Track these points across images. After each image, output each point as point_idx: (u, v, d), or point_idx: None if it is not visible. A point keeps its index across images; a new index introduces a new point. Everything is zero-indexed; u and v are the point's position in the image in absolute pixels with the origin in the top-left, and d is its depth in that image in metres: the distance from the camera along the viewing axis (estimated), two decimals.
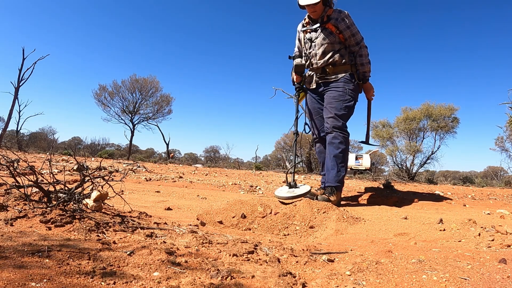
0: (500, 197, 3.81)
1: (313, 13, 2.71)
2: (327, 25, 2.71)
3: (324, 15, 2.71)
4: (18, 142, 9.64)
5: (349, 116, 2.72)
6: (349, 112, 2.69)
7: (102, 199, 1.38)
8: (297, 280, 0.92)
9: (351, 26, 2.67)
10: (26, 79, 9.61)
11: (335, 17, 2.68)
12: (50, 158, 1.68)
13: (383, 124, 9.38)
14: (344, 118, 2.65)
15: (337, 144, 2.60)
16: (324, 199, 2.49)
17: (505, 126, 7.56)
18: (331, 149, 2.63)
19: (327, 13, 2.71)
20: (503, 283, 0.83)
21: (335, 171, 2.58)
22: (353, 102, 2.71)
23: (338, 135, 2.61)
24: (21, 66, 9.45)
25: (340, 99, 2.66)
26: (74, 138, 21.94)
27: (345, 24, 2.65)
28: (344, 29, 2.66)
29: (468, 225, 1.61)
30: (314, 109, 2.92)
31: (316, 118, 2.91)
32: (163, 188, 3.02)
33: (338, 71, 2.74)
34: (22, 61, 9.38)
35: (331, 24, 2.69)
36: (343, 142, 2.60)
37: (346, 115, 2.66)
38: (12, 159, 1.44)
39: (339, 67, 2.73)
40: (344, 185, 2.75)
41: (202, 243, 1.13)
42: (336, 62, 2.71)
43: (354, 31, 2.67)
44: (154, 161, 8.76)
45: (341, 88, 2.69)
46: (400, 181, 5.75)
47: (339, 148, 2.59)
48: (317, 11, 2.68)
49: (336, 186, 2.57)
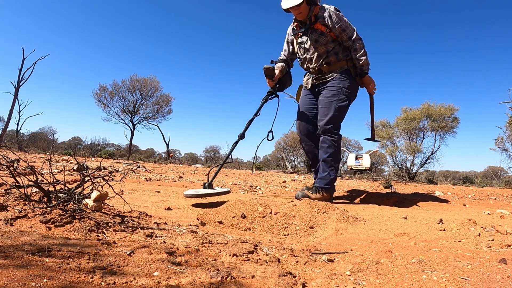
0: (500, 197, 3.81)
1: (299, 15, 2.62)
2: (315, 25, 2.61)
3: (311, 15, 2.61)
4: (18, 142, 9.64)
5: (341, 117, 2.68)
6: (341, 113, 2.65)
7: (102, 199, 1.38)
8: (297, 280, 0.92)
9: (340, 21, 2.56)
10: (26, 79, 9.62)
11: (322, 15, 2.57)
12: (50, 158, 1.68)
13: (383, 124, 9.38)
14: (334, 121, 2.62)
15: (325, 148, 2.62)
16: (304, 195, 2.54)
17: (505, 126, 7.56)
18: (321, 154, 2.66)
19: (314, 12, 2.60)
20: (503, 283, 0.83)
21: (324, 175, 2.62)
22: (348, 102, 2.67)
23: (327, 139, 2.62)
24: (21, 66, 9.45)
25: (333, 99, 2.63)
26: (74, 138, 21.93)
27: (333, 21, 2.55)
28: (333, 26, 2.56)
29: (468, 225, 1.61)
30: (303, 106, 2.88)
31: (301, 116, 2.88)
32: (163, 188, 3.02)
33: (333, 69, 2.67)
34: (22, 61, 9.38)
35: (320, 24, 2.59)
36: (331, 146, 2.60)
37: (337, 116, 2.63)
38: (12, 159, 1.44)
39: (334, 65, 2.67)
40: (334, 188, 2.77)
41: (202, 243, 1.13)
42: (331, 61, 2.66)
43: (344, 26, 2.56)
44: (154, 161, 8.76)
45: (335, 87, 2.64)
46: (400, 181, 5.75)
47: (327, 153, 2.61)
48: (302, 12, 2.58)
49: (323, 187, 2.60)
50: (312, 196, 2.55)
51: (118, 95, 15.89)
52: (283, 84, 2.83)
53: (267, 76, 2.74)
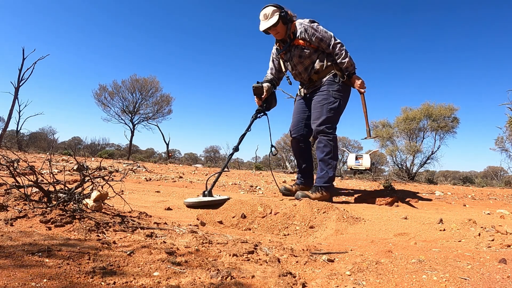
0: (500, 197, 3.81)
1: (277, 35, 2.71)
2: (295, 41, 2.69)
3: (289, 33, 2.69)
4: (18, 142, 9.64)
5: (335, 118, 2.74)
6: (335, 114, 2.72)
7: (102, 199, 1.38)
8: (297, 280, 0.92)
9: (316, 32, 2.65)
10: (26, 79, 9.62)
11: (298, 30, 2.66)
12: (50, 158, 1.68)
13: (383, 124, 9.37)
14: (327, 122, 2.68)
15: (321, 148, 2.67)
16: (304, 196, 2.56)
17: (505, 127, 7.57)
18: (318, 154, 2.71)
19: (291, 30, 2.69)
20: (503, 283, 0.83)
21: (322, 173, 2.67)
22: (338, 103, 2.72)
23: (322, 139, 2.68)
24: (21, 66, 9.45)
25: (324, 103, 2.71)
26: (74, 138, 21.93)
27: (309, 34, 2.64)
28: (311, 39, 2.65)
29: (468, 225, 1.61)
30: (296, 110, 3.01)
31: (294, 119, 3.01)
32: (163, 188, 3.02)
33: (323, 76, 2.77)
34: (22, 61, 9.38)
35: (298, 40, 2.67)
36: (327, 145, 2.65)
37: (330, 118, 2.69)
38: (12, 159, 1.44)
39: (322, 72, 2.76)
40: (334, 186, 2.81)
41: (202, 243, 1.13)
42: (318, 70, 2.75)
43: (320, 35, 2.64)
44: (154, 161, 8.76)
45: (325, 92, 2.73)
46: (400, 181, 5.75)
47: (324, 152, 2.66)
48: (280, 32, 2.66)
49: (322, 186, 2.64)
50: (312, 196, 2.56)
51: (118, 95, 15.89)
52: (269, 104, 2.92)
53: (256, 95, 2.84)
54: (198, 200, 2.13)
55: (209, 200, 2.14)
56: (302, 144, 2.98)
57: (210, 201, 2.14)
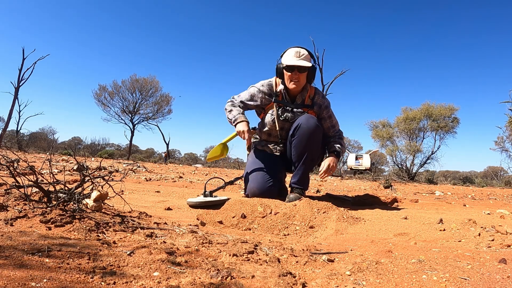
0: (500, 197, 3.81)
1: (296, 83, 2.28)
2: (309, 111, 2.37)
3: (305, 94, 2.37)
4: (18, 142, 9.64)
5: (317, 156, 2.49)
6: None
7: (102, 199, 1.38)
8: (297, 280, 0.92)
9: (332, 115, 2.47)
10: (26, 79, 9.64)
11: (319, 103, 2.39)
12: (50, 158, 1.68)
13: (383, 124, 9.38)
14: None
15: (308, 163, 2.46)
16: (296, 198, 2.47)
17: (505, 126, 7.57)
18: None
19: (308, 93, 2.37)
20: (503, 283, 0.83)
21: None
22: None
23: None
24: (21, 66, 9.46)
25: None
26: (74, 138, 21.95)
27: (328, 113, 2.43)
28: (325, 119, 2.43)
29: (468, 225, 1.61)
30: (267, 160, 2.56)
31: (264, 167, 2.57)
32: (163, 188, 3.02)
33: None
34: (22, 61, 9.39)
35: (313, 112, 2.38)
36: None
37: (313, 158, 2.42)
38: (12, 159, 1.44)
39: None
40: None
41: (202, 243, 1.13)
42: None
43: (334, 121, 2.48)
44: (154, 161, 8.76)
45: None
46: (400, 181, 5.75)
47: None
48: (300, 81, 2.28)
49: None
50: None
51: (118, 95, 15.91)
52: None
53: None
54: (201, 200, 2.17)
55: (212, 200, 2.18)
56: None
57: (213, 201, 2.17)
